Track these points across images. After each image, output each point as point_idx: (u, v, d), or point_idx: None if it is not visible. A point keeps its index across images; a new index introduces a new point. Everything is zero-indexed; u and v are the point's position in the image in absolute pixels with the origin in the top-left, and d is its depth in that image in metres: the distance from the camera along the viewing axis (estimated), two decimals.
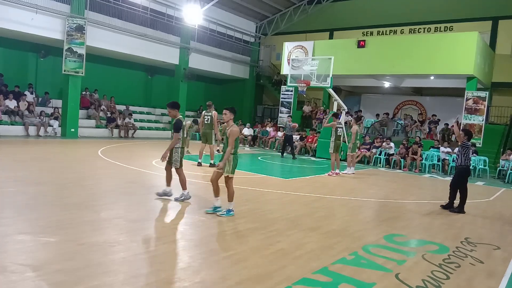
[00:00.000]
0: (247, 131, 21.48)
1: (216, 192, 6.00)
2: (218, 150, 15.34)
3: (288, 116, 18.42)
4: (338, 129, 12.07)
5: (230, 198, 5.96)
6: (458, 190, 7.93)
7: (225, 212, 5.94)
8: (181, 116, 6.73)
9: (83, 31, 16.64)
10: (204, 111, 11.80)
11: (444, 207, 7.98)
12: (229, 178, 5.90)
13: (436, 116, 19.40)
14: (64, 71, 16.79)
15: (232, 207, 6.01)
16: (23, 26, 15.21)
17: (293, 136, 17.11)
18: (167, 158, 6.61)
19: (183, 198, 6.65)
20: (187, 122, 15.00)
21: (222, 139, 16.25)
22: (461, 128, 16.77)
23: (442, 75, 17.41)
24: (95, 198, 6.60)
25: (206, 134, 11.47)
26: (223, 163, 5.76)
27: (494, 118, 19.17)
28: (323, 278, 3.92)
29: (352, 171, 12.55)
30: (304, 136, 18.93)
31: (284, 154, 16.44)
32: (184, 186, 6.67)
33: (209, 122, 11.43)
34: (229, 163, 5.82)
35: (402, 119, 20.55)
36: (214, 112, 11.54)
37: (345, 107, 17.91)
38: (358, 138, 12.71)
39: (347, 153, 12.66)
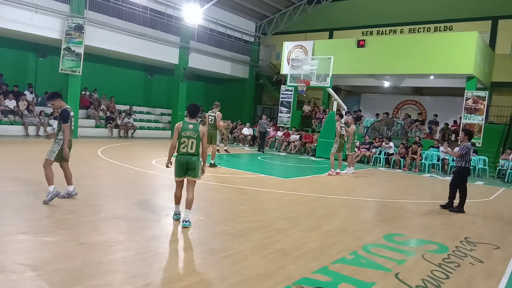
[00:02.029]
0: (247, 131, 21.49)
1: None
2: (218, 150, 15.38)
3: (263, 114, 19.83)
4: (342, 128, 12.10)
5: (178, 201, 5.55)
6: (458, 190, 7.95)
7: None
8: (68, 106, 6.15)
9: (82, 31, 16.62)
10: (209, 111, 11.80)
11: (443, 206, 7.99)
12: (175, 180, 5.43)
13: (437, 116, 19.41)
14: (61, 70, 16.72)
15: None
16: (23, 26, 15.19)
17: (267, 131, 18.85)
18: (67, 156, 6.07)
19: (50, 196, 5.83)
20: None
21: (222, 138, 16.32)
22: (461, 128, 16.80)
23: (442, 75, 17.41)
24: (95, 198, 6.59)
25: (211, 134, 11.42)
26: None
27: (494, 117, 19.17)
28: (323, 277, 3.93)
29: (352, 170, 12.56)
30: (303, 135, 18.95)
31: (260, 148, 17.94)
32: (49, 182, 5.90)
33: (213, 122, 11.44)
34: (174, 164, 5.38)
35: (403, 118, 20.52)
36: (218, 113, 11.54)
37: (345, 107, 17.95)
38: (356, 137, 12.71)
39: (347, 153, 12.68)
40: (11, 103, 16.32)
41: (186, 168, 5.31)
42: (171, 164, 5.55)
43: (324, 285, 3.77)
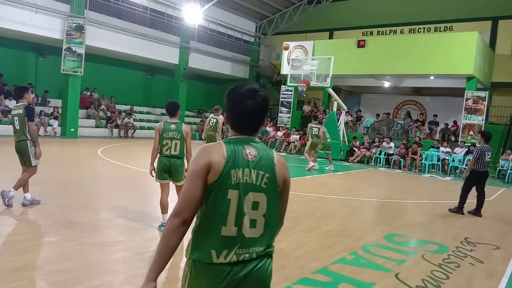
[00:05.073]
0: None
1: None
2: None
3: (215, 107, 19.50)
4: (314, 129, 12.55)
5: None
6: (477, 192, 7.69)
7: None
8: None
9: (83, 31, 16.63)
10: (211, 114, 11.77)
11: (470, 212, 7.70)
12: (160, 185, 5.07)
13: (437, 116, 19.40)
14: (63, 70, 16.77)
15: None
16: (23, 26, 15.20)
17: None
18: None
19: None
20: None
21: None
22: (460, 129, 16.81)
23: (442, 75, 17.41)
24: (95, 198, 6.60)
25: (211, 136, 11.36)
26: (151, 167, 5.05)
27: (494, 118, 19.16)
28: (323, 278, 3.93)
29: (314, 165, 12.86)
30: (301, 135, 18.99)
31: None
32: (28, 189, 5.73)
33: (214, 124, 11.23)
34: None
35: (403, 118, 20.50)
36: (220, 116, 11.36)
37: (345, 107, 17.96)
38: (326, 137, 13.09)
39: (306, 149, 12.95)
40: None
41: (169, 171, 4.96)
42: (154, 171, 5.07)
43: (324, 286, 3.77)
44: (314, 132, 12.52)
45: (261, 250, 1.72)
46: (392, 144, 16.06)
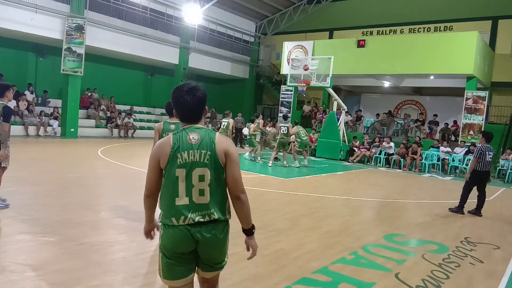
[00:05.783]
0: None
1: None
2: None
3: (239, 112, 20.43)
4: (282, 128, 12.98)
5: None
6: (478, 193, 7.68)
7: None
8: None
9: (83, 31, 16.63)
10: (222, 119, 12.73)
11: (470, 212, 7.71)
12: None
13: (437, 116, 19.41)
14: (63, 70, 16.76)
15: None
16: (23, 26, 15.19)
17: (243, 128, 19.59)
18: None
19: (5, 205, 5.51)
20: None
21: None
22: (460, 129, 16.80)
23: (442, 75, 17.41)
24: (95, 198, 6.60)
25: None
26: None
27: (494, 117, 19.16)
28: (323, 278, 3.93)
29: (297, 164, 13.32)
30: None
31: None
32: None
33: (225, 126, 12.44)
34: None
35: (404, 118, 20.49)
36: (231, 120, 12.53)
37: (345, 107, 17.95)
38: (302, 136, 13.47)
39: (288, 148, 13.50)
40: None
41: None
42: None
43: (324, 286, 3.77)
44: (283, 131, 12.89)
45: (211, 212, 2.21)
46: (392, 144, 16.06)
